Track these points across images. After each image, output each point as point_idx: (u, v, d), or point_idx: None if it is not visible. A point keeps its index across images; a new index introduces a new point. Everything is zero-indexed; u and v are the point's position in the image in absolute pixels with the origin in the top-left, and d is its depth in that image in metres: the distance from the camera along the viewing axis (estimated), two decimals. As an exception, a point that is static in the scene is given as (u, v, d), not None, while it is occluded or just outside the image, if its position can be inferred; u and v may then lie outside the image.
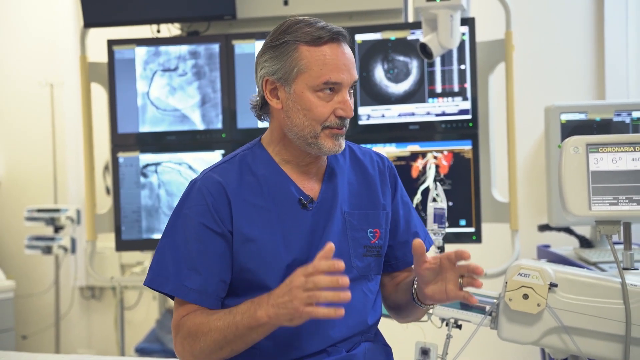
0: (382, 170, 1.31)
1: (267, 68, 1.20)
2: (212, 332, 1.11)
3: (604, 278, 1.31)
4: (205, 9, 2.44)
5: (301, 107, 1.17)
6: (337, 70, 1.17)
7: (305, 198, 1.21)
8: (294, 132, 1.19)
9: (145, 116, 2.46)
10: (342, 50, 1.20)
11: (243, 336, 1.09)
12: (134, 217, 2.44)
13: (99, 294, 3.62)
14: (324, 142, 1.18)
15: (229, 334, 1.09)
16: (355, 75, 1.21)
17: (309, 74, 1.16)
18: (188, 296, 1.15)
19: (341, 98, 1.18)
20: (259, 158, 1.24)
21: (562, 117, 2.06)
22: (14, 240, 3.61)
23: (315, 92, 1.17)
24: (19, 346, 3.52)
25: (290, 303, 1.03)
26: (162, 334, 3.17)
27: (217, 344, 1.11)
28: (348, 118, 1.20)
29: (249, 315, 1.08)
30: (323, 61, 1.16)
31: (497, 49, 2.31)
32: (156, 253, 1.20)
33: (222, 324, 1.10)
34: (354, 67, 1.21)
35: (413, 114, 2.32)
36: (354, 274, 1.22)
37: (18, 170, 3.70)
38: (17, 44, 3.68)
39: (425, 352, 1.52)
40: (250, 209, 1.19)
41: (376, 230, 1.25)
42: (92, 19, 2.49)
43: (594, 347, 1.29)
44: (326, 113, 1.17)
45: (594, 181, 1.33)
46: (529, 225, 2.59)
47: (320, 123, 1.17)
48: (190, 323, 1.14)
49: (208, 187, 1.19)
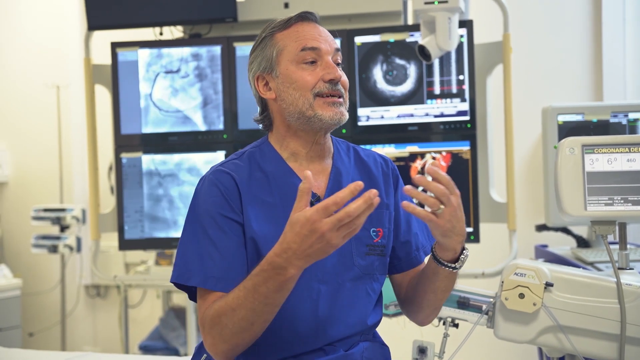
0: (386, 172, 1.31)
1: (254, 67, 1.24)
2: (236, 311, 1.07)
3: (599, 278, 1.33)
4: (207, 12, 2.47)
5: (289, 83, 1.19)
6: (311, 39, 1.20)
7: (312, 196, 1.21)
8: (292, 113, 1.20)
9: (148, 117, 2.48)
10: (313, 25, 1.23)
11: (274, 301, 1.05)
12: (137, 217, 2.47)
13: (104, 292, 3.65)
14: (322, 112, 1.18)
15: (257, 306, 1.05)
16: (335, 44, 1.23)
17: (287, 50, 1.20)
18: (216, 285, 1.13)
19: (325, 64, 1.20)
20: (267, 155, 1.24)
21: (559, 119, 2.07)
22: (21, 239, 3.65)
23: (299, 64, 1.19)
24: (26, 343, 3.55)
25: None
26: (166, 332, 3.20)
27: (247, 321, 1.07)
28: (338, 80, 1.19)
29: (274, 282, 1.03)
30: (296, 35, 1.21)
31: (495, 51, 2.33)
32: (178, 250, 1.19)
33: (244, 300, 1.06)
34: (331, 38, 1.23)
35: (412, 115, 2.34)
36: (356, 273, 1.22)
37: (25, 171, 3.74)
38: (24, 47, 3.71)
39: (423, 350, 1.52)
40: (259, 205, 1.19)
41: (379, 230, 1.25)
42: (96, 22, 2.52)
43: (590, 346, 1.30)
44: (314, 80, 1.18)
45: (590, 182, 1.34)
46: (526, 225, 2.61)
47: (310, 90, 1.18)
48: (211, 312, 1.11)
49: (220, 179, 1.19)
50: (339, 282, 1.20)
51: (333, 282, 1.20)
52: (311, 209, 0.99)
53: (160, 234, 2.46)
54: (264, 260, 1.05)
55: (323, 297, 1.18)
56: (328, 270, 1.19)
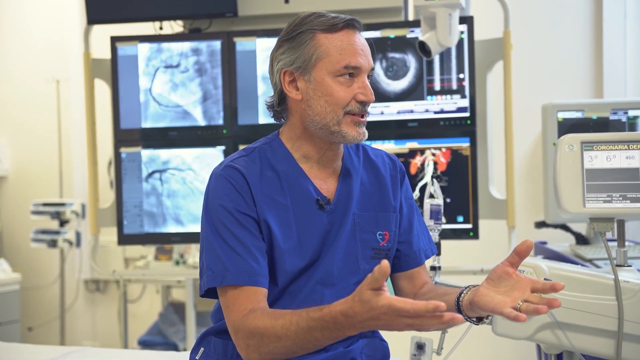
0: (394, 174, 1.30)
1: (284, 60, 1.19)
2: (282, 340, 1.06)
3: (597, 274, 1.33)
4: (207, 7, 2.46)
5: (322, 93, 1.16)
6: (355, 55, 1.17)
7: (322, 199, 1.21)
8: (315, 122, 1.18)
9: (148, 112, 2.48)
10: (358, 36, 1.19)
11: (323, 344, 1.06)
12: (136, 212, 2.47)
13: (103, 287, 3.66)
14: (347, 130, 1.17)
15: (306, 344, 1.05)
16: (372, 62, 1.21)
17: (328, 59, 1.16)
18: (250, 280, 1.12)
19: (361, 83, 1.17)
20: (279, 153, 1.22)
21: (558, 115, 2.07)
22: (20, 234, 3.65)
23: (335, 77, 1.16)
24: (25, 338, 3.56)
25: (388, 328, 0.98)
26: (165, 327, 3.21)
27: (290, 350, 1.07)
28: (369, 103, 1.19)
29: (331, 333, 1.03)
30: (341, 46, 1.16)
31: (496, 47, 2.32)
32: (205, 254, 1.16)
33: (295, 336, 1.05)
34: (370, 54, 1.21)
35: (412, 111, 2.34)
36: (360, 277, 1.21)
37: (24, 165, 3.74)
38: (25, 41, 3.70)
39: (421, 346, 1.53)
40: (271, 204, 1.18)
41: (385, 233, 1.25)
42: (96, 16, 2.51)
43: (587, 342, 1.31)
44: (347, 98, 1.16)
45: (589, 179, 1.34)
46: (526, 222, 2.61)
47: (342, 108, 1.16)
48: (253, 325, 1.09)
49: (231, 174, 1.18)
50: (343, 286, 1.21)
51: (338, 286, 1.21)
52: (385, 302, 0.94)
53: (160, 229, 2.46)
54: (327, 310, 1.02)
55: (327, 300, 1.17)
56: (334, 274, 1.20)
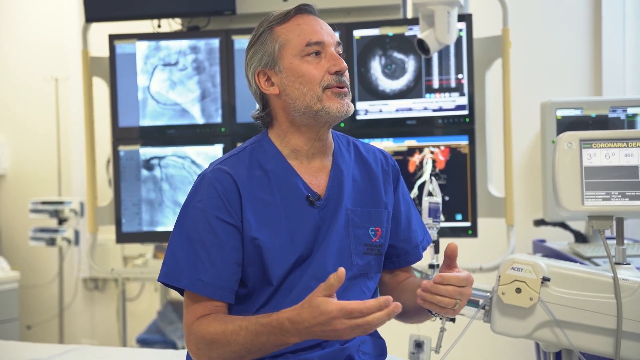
0: (386, 169, 1.31)
1: (254, 63, 1.23)
2: (232, 345, 1.09)
3: (596, 272, 1.33)
4: (206, 5, 2.46)
5: (295, 77, 1.18)
6: (314, 32, 1.20)
7: (312, 195, 1.21)
8: (297, 108, 1.19)
9: (146, 110, 2.48)
10: (313, 17, 1.22)
11: (269, 351, 1.10)
12: (135, 210, 2.46)
13: (102, 285, 3.66)
14: (329, 104, 1.18)
15: (253, 348, 1.09)
16: (336, 37, 1.23)
17: (290, 44, 1.19)
18: (204, 290, 1.14)
19: (329, 56, 1.20)
20: (267, 152, 1.23)
21: (557, 113, 2.07)
22: (19, 232, 3.65)
23: (303, 57, 1.19)
24: (24, 336, 3.56)
25: (336, 336, 1.03)
26: (163, 325, 3.21)
27: (238, 355, 1.10)
28: (343, 71, 1.20)
29: (276, 339, 1.07)
30: (299, 29, 1.20)
31: (494, 45, 2.32)
32: (168, 248, 1.19)
33: (244, 340, 1.09)
34: (331, 31, 1.23)
35: (410, 109, 2.33)
36: (354, 272, 1.22)
37: (23, 163, 3.74)
38: (23, 39, 3.69)
39: (419, 344, 1.52)
40: (259, 204, 1.18)
41: (377, 229, 1.25)
42: (94, 14, 2.51)
43: (586, 340, 1.31)
44: (320, 74, 1.18)
45: (587, 176, 1.34)
46: (524, 220, 2.61)
47: (318, 84, 1.18)
48: (204, 330, 1.12)
49: (219, 178, 1.18)
50: None
51: None
52: (336, 307, 1.00)
53: (161, 228, 2.46)
54: (274, 316, 1.07)
55: None
56: (328, 270, 1.19)
